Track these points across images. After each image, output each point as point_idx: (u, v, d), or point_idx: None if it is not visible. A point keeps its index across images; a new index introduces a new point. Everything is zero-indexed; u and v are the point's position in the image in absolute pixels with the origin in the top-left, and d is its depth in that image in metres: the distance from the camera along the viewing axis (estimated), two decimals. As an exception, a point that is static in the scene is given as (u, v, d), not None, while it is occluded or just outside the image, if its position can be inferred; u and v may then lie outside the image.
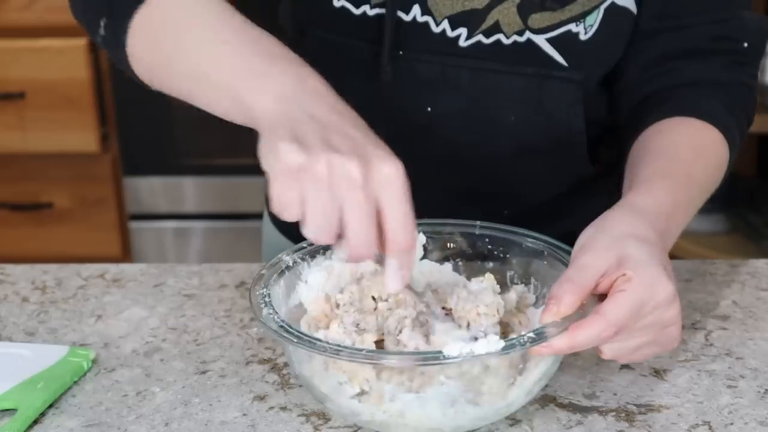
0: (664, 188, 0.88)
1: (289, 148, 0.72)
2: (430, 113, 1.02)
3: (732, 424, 0.80)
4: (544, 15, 0.97)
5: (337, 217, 0.72)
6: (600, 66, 1.03)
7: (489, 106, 1.02)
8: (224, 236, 2.76)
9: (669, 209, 0.86)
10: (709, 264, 1.09)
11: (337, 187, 0.72)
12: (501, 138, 1.03)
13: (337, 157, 0.72)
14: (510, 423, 0.80)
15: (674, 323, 0.78)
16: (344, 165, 0.72)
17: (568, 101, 1.02)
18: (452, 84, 1.00)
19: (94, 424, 0.82)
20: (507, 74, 1.00)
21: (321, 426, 0.80)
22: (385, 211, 0.73)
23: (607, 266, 0.77)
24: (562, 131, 1.04)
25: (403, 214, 0.73)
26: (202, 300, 1.02)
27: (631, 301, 0.75)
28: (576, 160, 1.06)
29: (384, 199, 0.73)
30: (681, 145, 0.94)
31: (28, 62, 2.52)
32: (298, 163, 0.72)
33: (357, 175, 0.72)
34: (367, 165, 0.72)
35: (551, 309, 0.75)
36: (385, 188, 0.73)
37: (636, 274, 0.76)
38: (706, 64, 1.01)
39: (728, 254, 2.34)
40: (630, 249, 0.78)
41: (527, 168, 1.06)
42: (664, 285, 0.77)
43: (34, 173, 2.68)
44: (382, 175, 0.73)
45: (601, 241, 0.79)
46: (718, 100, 0.98)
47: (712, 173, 0.96)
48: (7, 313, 1.00)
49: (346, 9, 0.99)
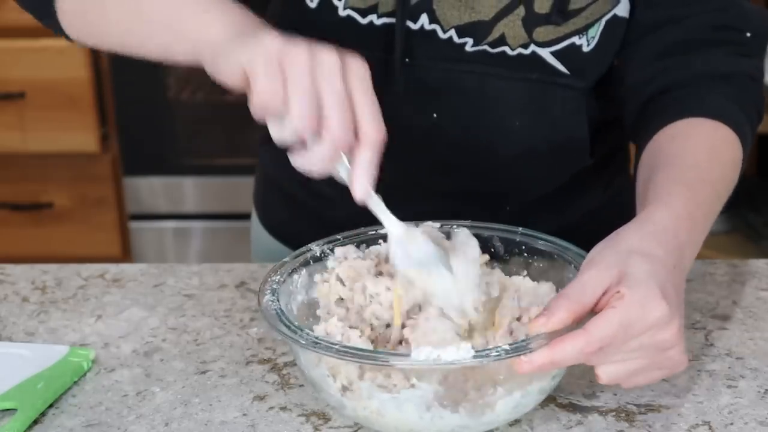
0: (682, 200, 0.84)
1: (270, 37, 0.75)
2: (436, 119, 1.02)
3: (732, 424, 0.80)
4: (548, 29, 0.97)
5: (317, 104, 0.74)
6: (598, 72, 1.03)
7: (494, 111, 1.02)
8: (224, 236, 2.76)
9: (687, 223, 0.82)
10: (709, 264, 1.09)
11: (318, 73, 0.74)
12: (506, 142, 1.03)
13: (317, 47, 0.75)
14: (510, 423, 0.80)
15: (673, 345, 0.75)
16: (324, 53, 0.75)
17: (572, 107, 1.02)
18: (458, 90, 1.01)
19: (94, 424, 0.82)
20: (512, 80, 1.00)
21: (321, 426, 0.80)
22: (357, 104, 0.75)
23: (609, 283, 0.74)
24: (566, 135, 1.04)
25: (373, 107, 0.75)
26: (202, 300, 1.02)
27: (618, 318, 0.72)
28: (577, 159, 1.07)
29: (356, 92, 0.75)
30: (695, 150, 0.91)
31: (28, 62, 2.51)
32: (279, 49, 0.74)
33: (336, 64, 0.74)
34: (342, 59, 0.75)
35: (539, 321, 0.73)
36: (357, 82, 0.75)
37: (629, 292, 0.73)
38: (709, 55, 0.98)
39: (728, 254, 2.33)
40: (631, 266, 0.75)
41: (530, 169, 1.06)
42: (658, 305, 0.73)
43: (34, 173, 2.68)
44: (353, 68, 0.75)
45: (608, 257, 0.77)
46: (725, 95, 0.96)
47: (728, 174, 0.93)
48: (7, 313, 1.00)
49: (352, 18, 0.99)
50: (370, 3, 0.98)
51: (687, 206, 0.83)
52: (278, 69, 0.73)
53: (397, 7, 0.96)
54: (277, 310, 0.78)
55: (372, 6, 0.98)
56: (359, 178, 0.76)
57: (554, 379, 0.78)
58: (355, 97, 0.75)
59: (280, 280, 0.82)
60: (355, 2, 0.98)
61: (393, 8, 0.97)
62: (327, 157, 0.74)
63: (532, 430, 0.79)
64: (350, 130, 0.74)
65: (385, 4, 0.97)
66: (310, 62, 0.74)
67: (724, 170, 0.92)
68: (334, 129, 0.73)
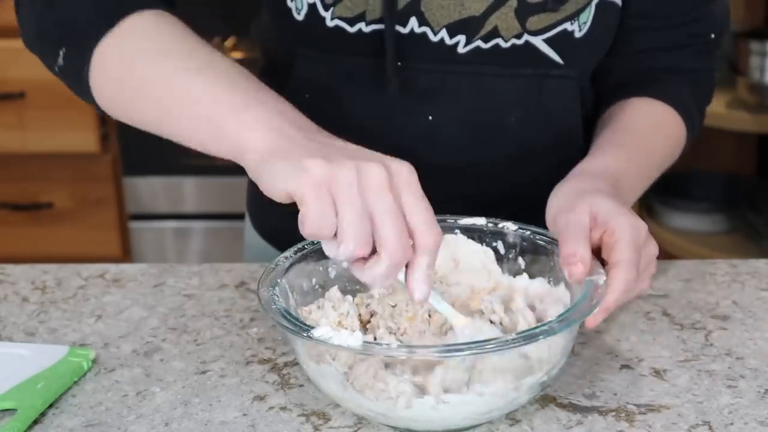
0: (614, 156, 0.96)
1: (314, 162, 0.71)
2: (431, 122, 1.02)
3: (732, 424, 0.80)
4: (541, 17, 0.98)
5: (370, 225, 0.71)
6: (592, 60, 1.06)
7: (489, 110, 1.02)
8: (224, 236, 2.76)
9: (617, 173, 0.93)
10: (709, 264, 1.09)
11: (367, 190, 0.71)
12: (502, 141, 1.04)
13: (362, 163, 0.72)
14: (510, 423, 0.80)
15: (654, 259, 0.85)
16: (369, 168, 0.71)
17: (566, 98, 1.04)
18: (452, 92, 1.01)
19: (94, 424, 0.82)
20: (506, 77, 1.01)
21: (321, 426, 0.80)
22: (410, 212, 0.72)
23: (588, 222, 0.82)
24: (562, 129, 1.05)
25: (427, 212, 0.73)
26: (202, 300, 1.02)
27: (628, 243, 0.80)
28: (574, 155, 1.07)
29: (407, 200, 0.72)
30: (639, 120, 1.03)
31: (28, 62, 2.49)
32: (325, 174, 0.71)
33: (383, 177, 0.71)
34: (387, 168, 0.72)
35: (578, 266, 0.79)
36: (406, 188, 0.72)
37: (616, 223, 0.82)
38: (678, 54, 1.09)
39: (728, 254, 2.34)
40: (598, 205, 0.84)
41: (528, 168, 1.06)
42: (640, 221, 0.83)
43: (34, 173, 2.69)
44: (401, 176, 0.73)
45: (575, 202, 0.85)
46: (686, 87, 1.07)
47: (668, 147, 1.05)
48: (7, 313, 1.00)
49: (340, 27, 0.98)
50: (358, 11, 0.97)
51: (618, 162, 0.95)
52: (327, 194, 0.71)
53: (384, 12, 0.96)
54: (278, 304, 0.78)
55: (359, 14, 0.97)
56: (419, 284, 0.74)
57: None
58: (407, 205, 0.72)
59: (278, 275, 0.83)
60: (342, 11, 0.97)
61: (381, 15, 0.97)
62: (387, 275, 0.73)
63: (532, 430, 0.80)
64: (407, 246, 0.72)
65: (373, 11, 0.97)
66: (358, 182, 0.71)
67: (665, 142, 1.05)
68: (391, 249, 0.71)
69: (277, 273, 0.83)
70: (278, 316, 0.75)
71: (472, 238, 0.90)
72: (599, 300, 0.77)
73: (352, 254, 0.71)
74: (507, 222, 0.90)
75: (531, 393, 0.77)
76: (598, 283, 0.78)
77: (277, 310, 0.76)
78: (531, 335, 0.72)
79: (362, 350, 0.71)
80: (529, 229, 0.89)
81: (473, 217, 0.90)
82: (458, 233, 0.90)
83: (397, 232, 0.71)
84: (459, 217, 0.90)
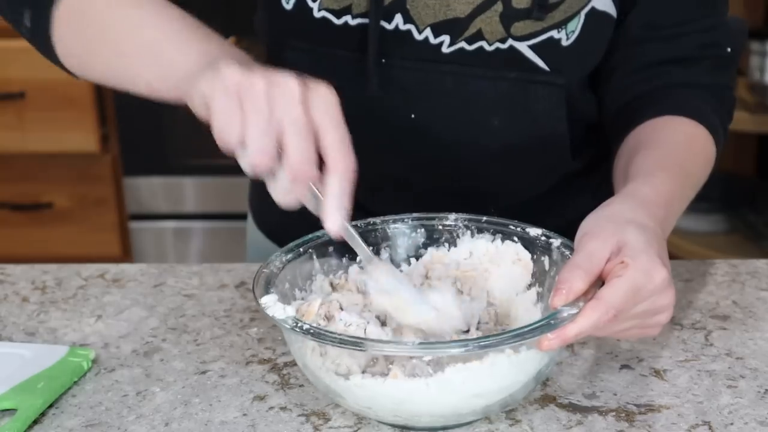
0: (662, 179, 0.89)
1: (230, 69, 0.72)
2: (414, 120, 1.01)
3: (732, 424, 0.80)
4: (526, 23, 0.97)
5: (275, 137, 0.71)
6: (581, 69, 1.04)
7: (473, 111, 1.02)
8: (224, 236, 2.76)
9: (667, 199, 0.88)
10: (709, 264, 1.09)
11: (277, 102, 0.70)
12: (485, 141, 1.03)
13: (277, 75, 0.72)
14: (510, 423, 0.80)
15: (666, 310, 0.79)
16: (283, 81, 0.71)
17: (552, 105, 1.02)
18: (436, 90, 1.00)
19: (94, 424, 0.82)
20: (490, 79, 1.00)
21: (321, 426, 0.80)
22: (323, 132, 0.71)
23: (610, 252, 0.78)
24: (546, 133, 1.04)
25: (342, 135, 0.72)
26: (202, 300, 1.02)
27: (627, 286, 0.75)
28: (559, 159, 1.07)
29: (321, 119, 0.71)
30: (675, 140, 0.97)
31: (28, 62, 2.51)
32: (237, 80, 0.71)
33: (296, 92, 0.71)
34: (305, 85, 0.72)
35: (561, 293, 0.75)
36: (323, 109, 0.72)
37: (633, 261, 0.76)
38: (693, 69, 1.03)
39: (728, 254, 2.34)
40: (629, 236, 0.78)
41: (511, 168, 1.06)
42: (659, 271, 0.77)
43: (34, 173, 2.69)
44: (319, 96, 0.72)
45: (606, 228, 0.80)
46: (705, 101, 1.01)
47: (702, 167, 0.98)
48: (7, 313, 1.00)
49: (327, 19, 0.98)
50: (344, 4, 0.98)
51: (666, 186, 0.89)
52: (236, 101, 0.71)
53: (370, 7, 0.96)
54: (269, 282, 0.80)
55: (346, 7, 0.98)
56: (331, 211, 0.72)
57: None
58: (321, 125, 0.71)
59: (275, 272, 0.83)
60: (330, 3, 0.98)
61: (367, 9, 0.97)
62: (288, 189, 0.72)
63: (532, 430, 0.80)
64: (311, 160, 0.71)
65: (359, 5, 0.97)
66: (268, 92, 0.70)
67: (700, 163, 0.98)
68: (292, 159, 0.70)
69: (272, 271, 0.83)
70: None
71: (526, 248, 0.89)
72: (557, 325, 0.74)
73: (253, 164, 0.71)
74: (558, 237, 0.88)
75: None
76: (563, 314, 0.74)
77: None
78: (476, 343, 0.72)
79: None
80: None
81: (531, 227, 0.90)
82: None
83: (301, 146, 0.70)
84: (525, 225, 0.90)
